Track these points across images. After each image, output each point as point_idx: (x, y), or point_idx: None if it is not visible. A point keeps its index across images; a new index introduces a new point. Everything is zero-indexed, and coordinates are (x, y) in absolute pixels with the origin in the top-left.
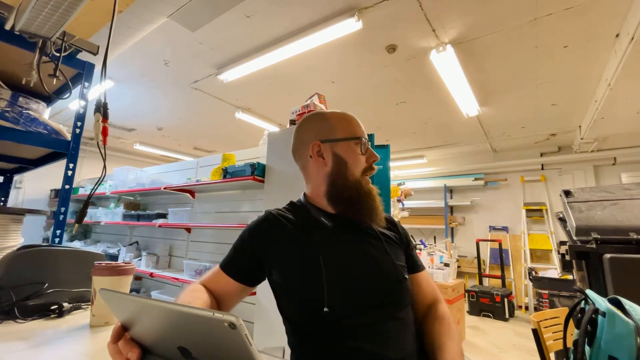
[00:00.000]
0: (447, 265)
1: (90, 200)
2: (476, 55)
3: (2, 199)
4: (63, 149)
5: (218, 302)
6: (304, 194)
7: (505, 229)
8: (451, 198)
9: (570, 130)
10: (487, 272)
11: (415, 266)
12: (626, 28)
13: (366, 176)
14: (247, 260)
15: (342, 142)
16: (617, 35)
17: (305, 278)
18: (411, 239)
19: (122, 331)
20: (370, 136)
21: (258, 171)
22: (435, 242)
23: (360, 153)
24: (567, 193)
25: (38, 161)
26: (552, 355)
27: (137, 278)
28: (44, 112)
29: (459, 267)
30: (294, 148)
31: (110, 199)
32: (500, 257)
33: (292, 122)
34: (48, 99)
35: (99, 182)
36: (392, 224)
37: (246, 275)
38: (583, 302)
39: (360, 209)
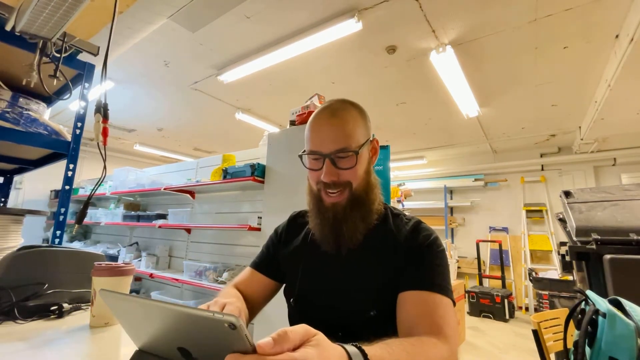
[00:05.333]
0: None
1: (90, 201)
2: (476, 56)
3: (2, 199)
4: (63, 150)
5: (251, 303)
6: None
7: (505, 229)
8: (451, 199)
9: (570, 131)
10: (487, 272)
11: (406, 283)
12: (626, 29)
13: (326, 195)
14: (275, 257)
15: (304, 155)
16: (617, 36)
17: (288, 275)
18: (427, 250)
19: None
20: None
21: (258, 172)
22: None
23: (310, 168)
24: (567, 194)
25: (38, 162)
26: (552, 356)
27: (137, 279)
28: (44, 113)
29: (459, 267)
30: None
31: (110, 199)
32: (500, 258)
33: (292, 123)
34: (48, 100)
35: (99, 182)
36: (410, 230)
37: (275, 271)
38: (583, 303)
39: (318, 231)
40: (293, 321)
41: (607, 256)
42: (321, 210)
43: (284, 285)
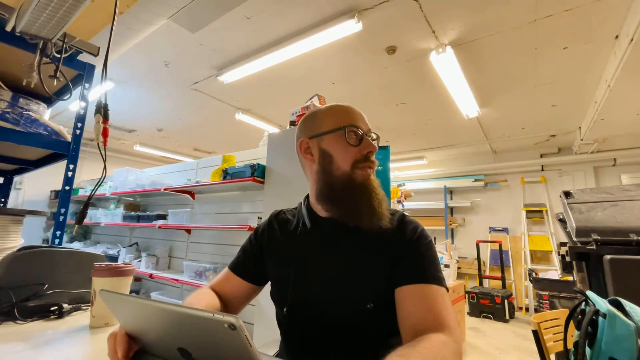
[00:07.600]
0: (447, 266)
1: (90, 201)
2: (476, 57)
3: (2, 200)
4: (63, 150)
5: (228, 304)
6: (307, 195)
7: (505, 230)
8: (451, 199)
9: (570, 132)
10: (487, 273)
11: (402, 277)
12: (625, 29)
13: (360, 170)
14: (254, 260)
15: (327, 134)
16: (617, 37)
17: (276, 280)
18: (418, 243)
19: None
20: None
21: (258, 172)
22: (435, 243)
23: (348, 144)
24: (567, 194)
25: (38, 162)
26: (552, 357)
27: (137, 279)
28: (45, 113)
29: (459, 268)
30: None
31: (110, 200)
32: (501, 258)
33: (292, 123)
34: (48, 100)
35: (99, 183)
36: (397, 224)
37: (253, 274)
38: (583, 303)
39: (347, 206)
40: (285, 324)
41: (607, 256)
42: (348, 189)
43: (271, 289)
